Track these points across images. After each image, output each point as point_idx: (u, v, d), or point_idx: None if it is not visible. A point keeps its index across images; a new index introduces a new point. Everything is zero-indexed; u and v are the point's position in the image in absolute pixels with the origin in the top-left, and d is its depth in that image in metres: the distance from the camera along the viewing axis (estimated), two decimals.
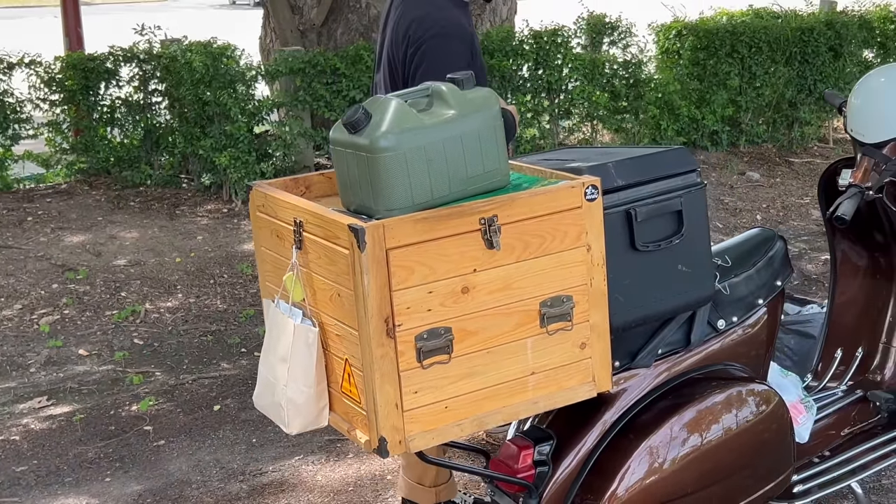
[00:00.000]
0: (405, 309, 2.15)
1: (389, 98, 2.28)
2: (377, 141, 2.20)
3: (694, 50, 7.89)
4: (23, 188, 7.07)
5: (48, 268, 5.79)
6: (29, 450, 4.02)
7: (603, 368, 2.42)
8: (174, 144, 6.94)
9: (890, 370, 3.28)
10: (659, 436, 2.62)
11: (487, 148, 2.32)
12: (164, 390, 4.53)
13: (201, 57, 6.53)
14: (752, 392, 2.75)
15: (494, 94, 2.37)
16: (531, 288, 2.29)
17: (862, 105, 3.01)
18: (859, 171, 2.98)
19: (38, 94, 6.94)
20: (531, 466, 2.59)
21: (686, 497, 2.64)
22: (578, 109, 7.53)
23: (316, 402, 2.33)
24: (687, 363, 2.74)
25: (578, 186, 2.31)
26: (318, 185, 2.60)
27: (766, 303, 2.88)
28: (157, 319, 5.33)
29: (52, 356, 4.90)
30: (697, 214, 2.52)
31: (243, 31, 11.26)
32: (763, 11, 8.70)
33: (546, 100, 7.49)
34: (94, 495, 3.67)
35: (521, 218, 2.26)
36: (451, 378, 2.23)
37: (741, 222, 6.88)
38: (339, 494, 3.61)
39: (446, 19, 3.17)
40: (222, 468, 3.84)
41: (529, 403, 2.35)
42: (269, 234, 2.46)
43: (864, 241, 3.33)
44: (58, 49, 8.03)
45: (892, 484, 3.50)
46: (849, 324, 3.36)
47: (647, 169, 2.49)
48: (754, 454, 2.73)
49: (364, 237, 2.09)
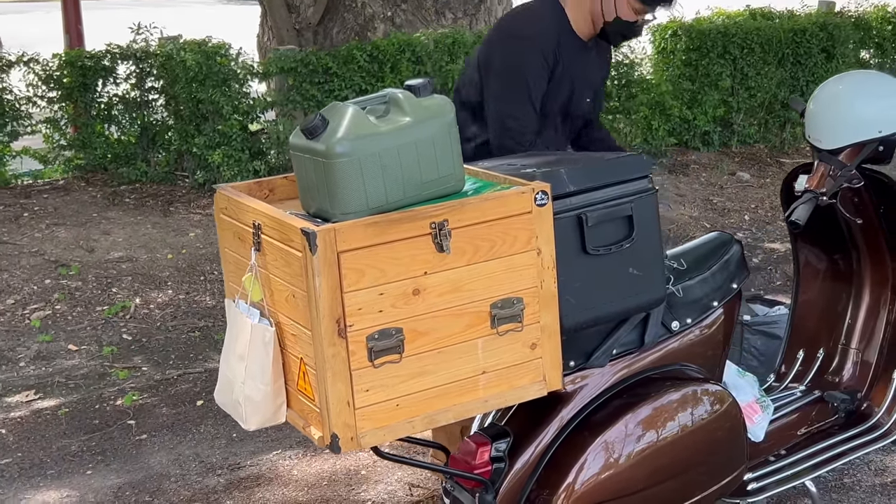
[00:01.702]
0: (356, 310, 2.23)
1: (347, 105, 2.36)
2: (333, 147, 2.28)
3: (686, 50, 7.94)
4: (21, 184, 7.15)
5: (42, 263, 5.87)
6: (14, 443, 4.11)
7: (553, 368, 2.49)
8: (170, 142, 7.03)
9: (848, 371, 3.35)
10: (613, 432, 2.69)
11: (442, 154, 2.39)
12: (150, 385, 4.62)
13: (195, 55, 6.61)
14: (706, 392, 2.82)
15: (449, 101, 2.44)
16: (481, 290, 2.36)
17: (819, 111, 3.08)
18: (815, 177, 3.05)
19: (37, 92, 7.03)
20: (488, 463, 2.66)
21: (640, 492, 2.72)
22: None
23: (273, 400, 2.40)
24: (642, 363, 2.82)
25: (528, 192, 2.39)
26: (281, 187, 2.68)
27: (722, 305, 2.95)
28: (147, 315, 5.42)
29: (42, 351, 4.99)
30: (648, 219, 2.60)
31: (252, 27, 11.33)
32: (759, 12, 8.75)
33: None
34: (74, 488, 3.75)
35: (471, 222, 2.33)
36: (402, 377, 2.31)
37: (729, 222, 6.95)
38: (314, 489, 3.69)
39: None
40: (201, 462, 3.92)
41: (480, 402, 2.43)
42: (232, 236, 2.55)
43: (825, 245, 3.40)
44: (61, 45, 8.12)
45: (853, 483, 3.57)
46: (810, 326, 3.43)
47: (599, 175, 2.56)
48: (707, 452, 2.80)
49: (315, 241, 2.16)
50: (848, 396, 3.26)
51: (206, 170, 6.90)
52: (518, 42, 3.31)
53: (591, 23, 3.33)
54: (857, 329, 3.36)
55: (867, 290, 3.35)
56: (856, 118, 3.00)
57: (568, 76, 3.31)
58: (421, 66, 6.75)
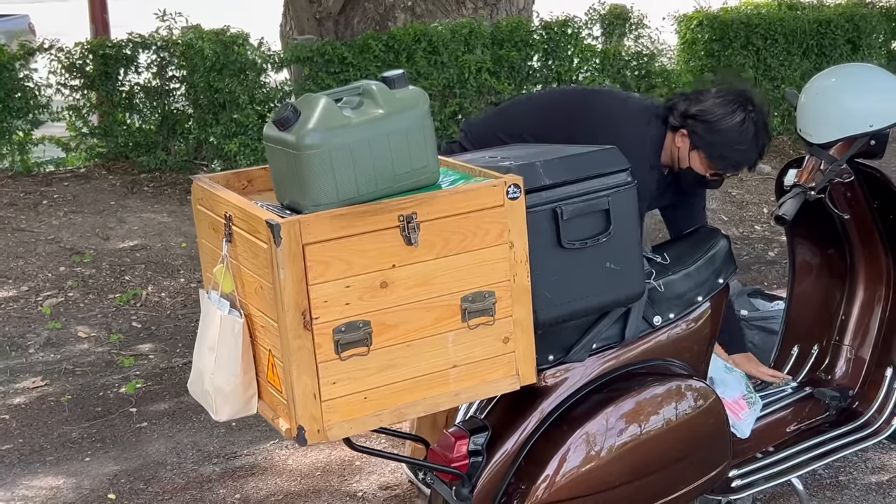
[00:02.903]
0: (322, 302, 2.23)
1: (319, 96, 2.35)
2: (303, 138, 2.27)
3: (709, 41, 7.87)
4: (42, 172, 7.22)
5: (57, 251, 5.93)
6: (16, 429, 4.16)
7: (527, 362, 2.48)
8: (189, 131, 7.07)
9: (841, 369, 3.31)
10: (593, 426, 2.68)
11: (415, 146, 2.38)
12: (154, 373, 4.65)
13: (213, 45, 6.64)
14: (689, 388, 2.79)
15: (423, 93, 2.43)
16: (452, 283, 2.35)
17: (810, 105, 3.03)
18: (804, 172, 3.01)
19: (60, 80, 7.09)
20: (465, 456, 2.66)
21: (619, 487, 2.70)
22: None
23: (243, 391, 2.41)
24: (623, 358, 2.80)
25: (500, 185, 2.37)
26: (259, 179, 2.68)
27: (708, 300, 2.93)
28: (157, 303, 5.46)
29: (52, 338, 5.04)
30: (626, 213, 2.57)
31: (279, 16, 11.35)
32: (786, 3, 8.65)
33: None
34: (71, 474, 3.79)
35: (441, 215, 2.32)
36: (370, 370, 2.30)
37: (747, 215, 6.88)
38: (307, 479, 3.70)
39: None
40: (199, 451, 3.95)
41: (451, 395, 2.42)
42: (207, 227, 2.55)
43: (819, 241, 3.37)
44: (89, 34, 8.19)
45: (848, 480, 3.53)
46: (805, 322, 3.40)
47: (575, 168, 2.54)
48: (688, 448, 2.78)
49: (280, 232, 2.16)
50: (839, 393, 3.22)
51: (224, 159, 6.93)
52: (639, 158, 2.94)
53: (670, 160, 3.11)
54: (851, 326, 3.32)
55: (861, 286, 3.31)
56: (846, 112, 2.95)
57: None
58: (437, 55, 6.74)
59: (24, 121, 7.02)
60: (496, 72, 7.06)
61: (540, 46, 7.26)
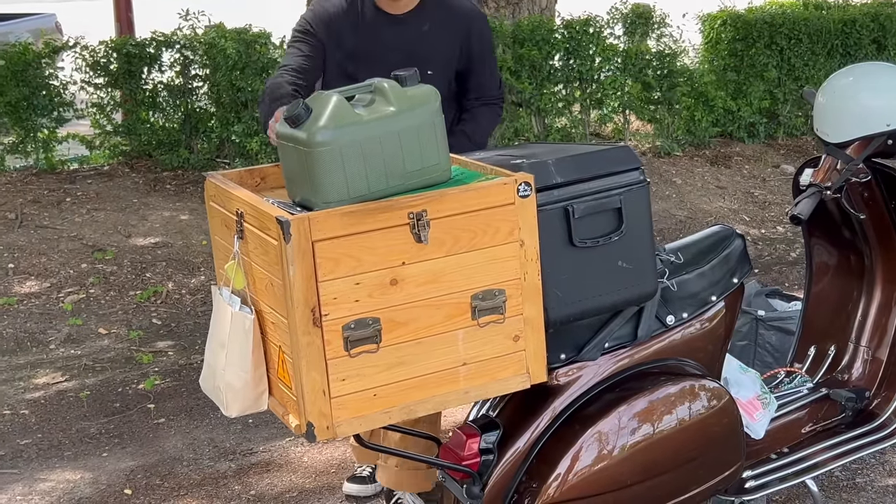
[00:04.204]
0: (332, 299, 2.23)
1: (331, 93, 2.35)
2: (314, 135, 2.28)
3: (732, 41, 7.83)
4: (66, 169, 7.27)
5: (80, 248, 5.97)
6: (35, 424, 4.19)
7: (537, 361, 2.47)
8: (212, 129, 7.10)
9: (857, 370, 3.28)
10: (605, 425, 2.66)
11: (426, 144, 2.38)
12: (173, 370, 4.68)
13: (235, 44, 6.66)
14: (703, 388, 2.77)
15: (435, 90, 2.43)
16: (462, 281, 2.35)
17: (827, 104, 3.01)
18: (821, 171, 2.99)
19: (84, 78, 7.13)
20: (476, 454, 2.65)
21: (630, 486, 2.69)
22: (611, 100, 7.54)
23: (254, 387, 2.42)
24: (636, 357, 2.78)
25: (511, 183, 2.37)
26: (273, 176, 2.69)
27: (722, 299, 2.91)
28: (178, 300, 5.48)
29: (73, 334, 5.07)
30: (639, 212, 2.56)
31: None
32: (811, 2, 8.60)
33: (578, 90, 7.50)
34: (89, 469, 3.81)
35: (451, 213, 2.32)
36: (379, 367, 2.30)
37: (769, 216, 6.85)
38: (321, 475, 3.71)
39: None
40: (215, 447, 3.97)
41: (461, 393, 2.42)
42: (220, 224, 2.57)
43: (837, 241, 3.34)
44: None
45: (865, 482, 3.50)
46: (822, 322, 3.37)
47: (587, 166, 2.53)
48: (702, 448, 2.76)
49: (289, 229, 2.17)
50: (855, 394, 3.19)
51: (246, 157, 6.96)
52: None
53: None
54: (868, 326, 3.28)
55: (879, 287, 3.27)
56: (863, 111, 2.93)
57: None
58: None
59: (49, 118, 7.08)
60: (517, 71, 7.06)
61: (561, 46, 7.25)
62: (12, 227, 6.08)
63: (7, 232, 6.01)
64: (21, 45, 6.83)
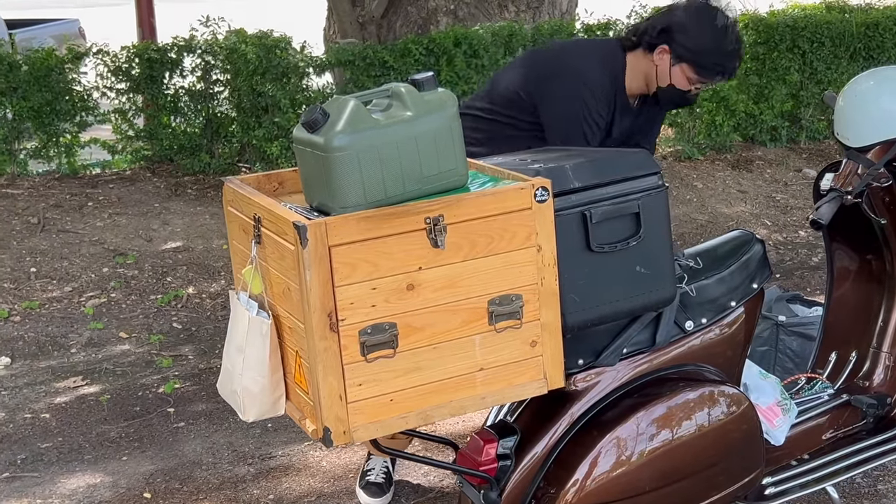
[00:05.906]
0: (348, 304, 2.23)
1: (348, 98, 2.35)
2: (331, 140, 2.28)
3: (753, 44, 7.80)
4: (88, 174, 7.31)
5: (101, 252, 6.00)
6: (56, 427, 4.21)
7: (555, 366, 2.47)
8: (233, 134, 7.13)
9: (879, 376, 3.25)
10: (623, 431, 2.65)
11: (444, 148, 2.38)
12: (193, 374, 4.69)
13: (256, 49, 6.68)
14: (722, 393, 2.76)
15: (452, 95, 2.42)
16: (479, 286, 2.35)
17: (848, 108, 3.00)
18: (841, 176, 2.97)
19: (105, 83, 7.17)
20: (494, 460, 2.65)
21: (648, 493, 2.68)
22: None
23: (271, 392, 2.42)
24: (654, 363, 2.77)
25: (528, 188, 2.36)
26: (291, 181, 2.69)
27: (741, 305, 2.89)
28: (198, 305, 5.50)
29: (94, 338, 5.10)
30: (657, 217, 2.55)
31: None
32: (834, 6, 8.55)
33: None
34: (108, 473, 3.83)
35: (468, 218, 2.32)
36: (396, 372, 2.30)
37: (791, 220, 6.81)
38: (340, 480, 3.71)
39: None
40: (234, 451, 3.97)
41: (477, 399, 2.41)
42: (238, 229, 2.57)
43: (858, 246, 3.31)
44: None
45: (887, 489, 3.47)
46: (843, 328, 3.35)
47: (605, 171, 2.52)
48: (721, 454, 2.75)
49: (306, 234, 2.17)
50: (877, 401, 3.17)
51: (266, 162, 6.98)
52: (579, 86, 3.13)
53: (643, 84, 3.20)
54: (890, 332, 3.26)
55: None
56: (884, 115, 2.91)
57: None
58: (477, 59, 6.73)
59: (72, 123, 7.12)
60: None
61: None
62: (34, 231, 6.12)
63: (29, 236, 6.05)
64: (44, 51, 6.87)
